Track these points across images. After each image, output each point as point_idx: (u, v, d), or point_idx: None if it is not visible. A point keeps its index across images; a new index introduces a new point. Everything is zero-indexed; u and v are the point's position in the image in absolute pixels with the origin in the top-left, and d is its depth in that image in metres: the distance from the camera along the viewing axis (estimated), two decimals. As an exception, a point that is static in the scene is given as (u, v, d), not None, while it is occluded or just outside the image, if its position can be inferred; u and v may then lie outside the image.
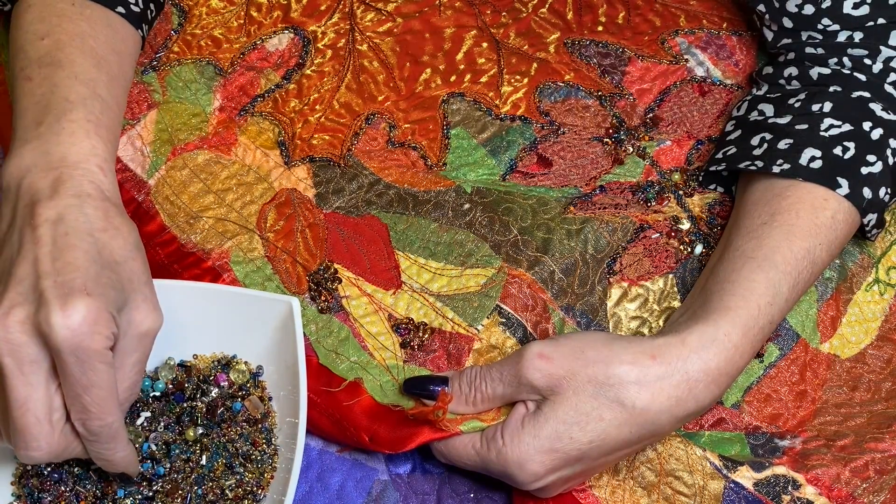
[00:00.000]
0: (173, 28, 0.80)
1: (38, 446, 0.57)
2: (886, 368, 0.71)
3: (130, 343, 0.60)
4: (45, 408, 0.57)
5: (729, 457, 0.67)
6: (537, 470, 0.62)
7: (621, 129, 0.78)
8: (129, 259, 0.60)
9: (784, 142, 0.69)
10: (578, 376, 0.61)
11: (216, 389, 0.68)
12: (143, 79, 0.78)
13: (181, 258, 0.72)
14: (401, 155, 0.77)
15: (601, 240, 0.74)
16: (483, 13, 0.82)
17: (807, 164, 0.68)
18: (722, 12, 0.82)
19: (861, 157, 0.68)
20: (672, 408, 0.61)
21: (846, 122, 0.69)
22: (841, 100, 0.70)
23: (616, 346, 0.62)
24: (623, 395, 0.61)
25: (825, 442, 0.68)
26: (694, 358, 0.61)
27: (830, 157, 0.68)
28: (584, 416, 0.61)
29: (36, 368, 0.56)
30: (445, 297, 0.71)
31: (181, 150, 0.76)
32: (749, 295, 0.64)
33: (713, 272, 0.67)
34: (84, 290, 0.56)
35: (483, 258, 0.73)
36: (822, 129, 0.69)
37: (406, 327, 0.70)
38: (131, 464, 0.62)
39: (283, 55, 0.80)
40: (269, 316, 0.68)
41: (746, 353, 0.64)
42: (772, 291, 0.64)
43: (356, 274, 0.72)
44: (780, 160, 0.68)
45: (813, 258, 0.66)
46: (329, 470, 0.69)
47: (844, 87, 0.71)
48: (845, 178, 0.67)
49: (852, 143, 0.68)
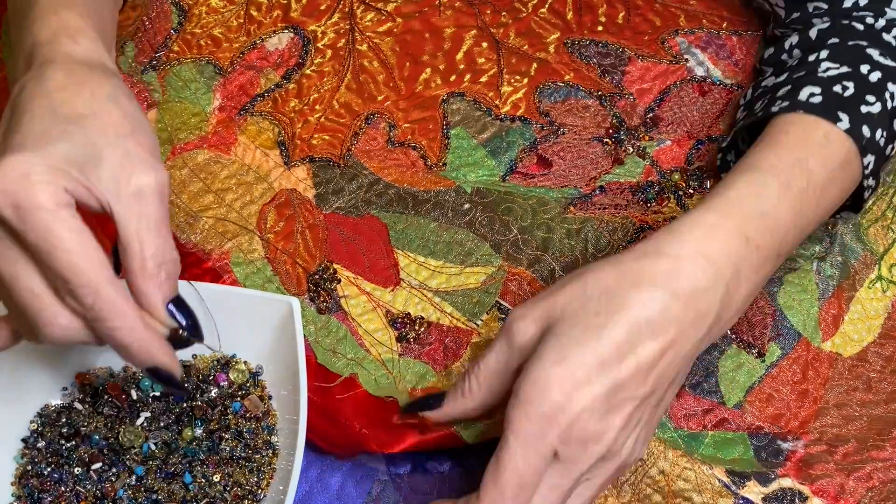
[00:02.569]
0: (173, 27, 0.80)
1: (51, 320, 0.52)
2: (887, 367, 0.71)
3: (127, 205, 0.53)
4: (40, 281, 0.51)
5: (735, 471, 0.67)
6: (596, 391, 0.53)
7: (621, 128, 0.78)
8: (100, 111, 0.54)
9: (783, 89, 0.68)
10: (574, 298, 0.55)
11: (216, 389, 0.68)
12: (143, 78, 0.78)
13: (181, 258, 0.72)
14: (401, 155, 0.77)
15: (601, 239, 0.73)
16: (483, 13, 0.82)
17: (806, 100, 0.65)
18: (722, 12, 0.82)
19: (860, 96, 0.66)
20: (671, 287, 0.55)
21: (844, 65, 0.67)
22: (838, 47, 0.69)
23: (586, 268, 0.57)
24: (644, 268, 0.55)
25: (827, 448, 0.68)
26: (667, 240, 0.57)
27: (830, 93, 0.66)
28: (603, 311, 0.54)
29: (8, 244, 0.51)
30: (444, 293, 0.71)
31: (181, 150, 0.76)
32: (724, 191, 0.60)
33: None
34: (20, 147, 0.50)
35: (483, 257, 0.73)
36: (820, 70, 0.68)
37: (402, 321, 0.70)
38: (158, 352, 0.54)
39: (283, 55, 0.80)
40: (269, 316, 0.67)
41: (733, 237, 0.58)
42: (755, 187, 0.60)
43: (355, 273, 0.72)
44: (779, 101, 0.67)
45: (806, 168, 0.62)
46: (329, 470, 0.69)
47: (841, 37, 0.70)
48: (846, 114, 0.65)
49: (851, 83, 0.66)
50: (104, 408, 0.67)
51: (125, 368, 0.69)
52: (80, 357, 0.68)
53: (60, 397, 0.68)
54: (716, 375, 0.70)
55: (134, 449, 0.66)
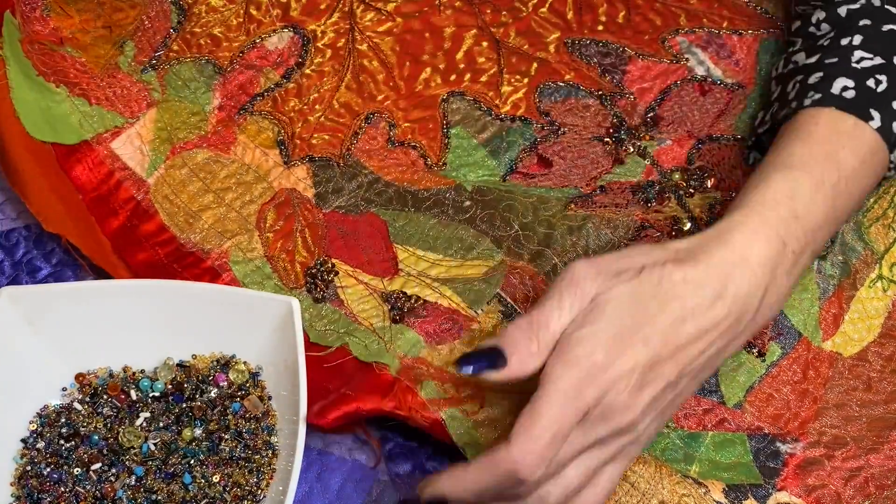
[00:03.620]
0: (172, 26, 0.80)
1: None
2: (887, 366, 0.71)
3: None
4: None
5: (733, 485, 0.67)
6: (596, 356, 0.54)
7: (622, 128, 0.78)
8: None
9: (815, 76, 0.68)
10: (644, 270, 0.57)
11: (215, 389, 0.68)
12: (143, 77, 0.78)
13: (180, 258, 0.72)
14: (401, 154, 0.77)
15: (603, 235, 0.73)
16: (483, 12, 0.82)
17: (839, 94, 0.66)
18: (722, 11, 0.82)
19: (893, 91, 0.66)
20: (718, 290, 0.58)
21: (878, 56, 0.68)
22: (871, 33, 0.69)
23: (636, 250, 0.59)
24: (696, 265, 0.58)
25: (826, 451, 0.68)
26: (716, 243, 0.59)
27: (863, 88, 0.66)
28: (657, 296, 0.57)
29: None
30: (445, 279, 0.71)
31: (180, 149, 0.76)
32: (764, 189, 0.62)
33: None
34: None
35: (484, 252, 0.73)
36: (853, 61, 0.68)
37: (397, 296, 0.70)
38: None
39: (283, 54, 0.80)
40: (268, 316, 0.67)
41: (772, 241, 0.60)
42: (789, 185, 0.62)
43: (353, 267, 0.72)
44: (812, 92, 0.67)
45: (837, 161, 0.64)
46: (329, 470, 0.69)
47: (874, 20, 0.69)
48: (878, 112, 0.66)
49: (884, 77, 0.67)
50: (104, 408, 0.67)
51: (125, 368, 0.69)
52: (80, 357, 0.68)
53: (60, 397, 0.68)
54: (716, 375, 0.70)
55: (133, 449, 0.66)
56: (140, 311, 0.68)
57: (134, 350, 0.69)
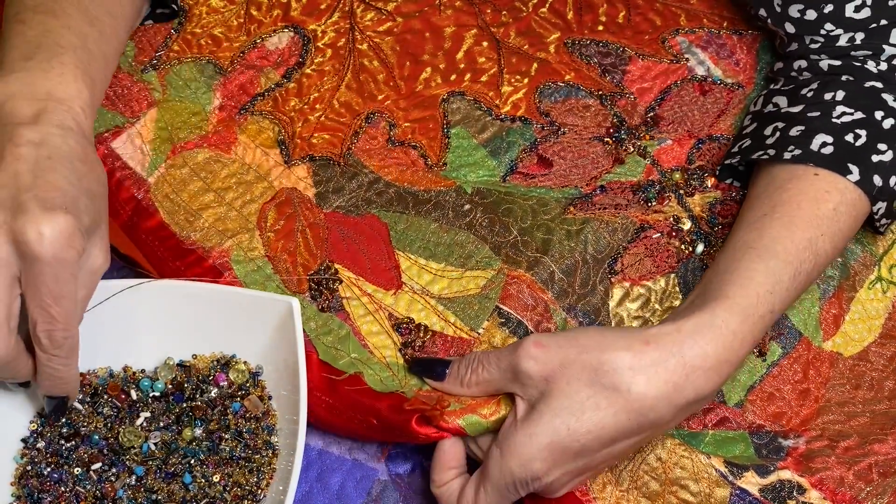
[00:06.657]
0: (173, 27, 0.80)
1: None
2: (889, 366, 0.71)
3: (83, 277, 0.61)
4: (5, 309, 0.58)
5: (734, 462, 0.67)
6: (539, 468, 0.61)
7: (622, 128, 0.78)
8: (101, 196, 0.63)
9: (796, 129, 0.70)
10: (573, 365, 0.61)
11: (215, 389, 0.68)
12: (143, 77, 0.78)
13: (182, 255, 0.72)
14: (401, 154, 0.77)
15: (601, 240, 0.73)
16: (483, 12, 0.82)
17: (818, 150, 0.68)
18: (722, 11, 0.82)
19: (872, 144, 0.68)
20: (670, 394, 0.60)
21: (858, 111, 0.69)
22: (853, 89, 0.70)
23: (610, 334, 0.62)
24: (618, 380, 0.60)
25: (829, 443, 0.68)
26: (689, 343, 0.61)
27: (842, 143, 0.68)
28: (580, 406, 0.60)
29: (4, 271, 0.57)
30: (446, 300, 0.71)
31: (181, 149, 0.76)
32: (747, 283, 0.64)
33: (714, 264, 0.67)
34: (63, 208, 0.58)
35: (483, 260, 0.73)
36: (834, 116, 0.69)
37: (407, 327, 0.70)
38: (76, 385, 0.64)
39: (283, 54, 0.80)
40: (268, 316, 0.67)
41: (747, 341, 0.63)
42: (771, 280, 0.64)
43: (356, 274, 0.72)
44: (792, 146, 0.68)
45: (815, 249, 0.66)
46: (329, 470, 0.69)
47: (856, 76, 0.71)
48: (856, 165, 0.67)
49: (864, 131, 0.68)
50: (104, 408, 0.67)
51: (125, 368, 0.69)
52: (80, 357, 0.68)
53: (60, 397, 0.68)
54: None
55: (134, 449, 0.66)
56: (140, 311, 0.68)
57: (134, 350, 0.69)
